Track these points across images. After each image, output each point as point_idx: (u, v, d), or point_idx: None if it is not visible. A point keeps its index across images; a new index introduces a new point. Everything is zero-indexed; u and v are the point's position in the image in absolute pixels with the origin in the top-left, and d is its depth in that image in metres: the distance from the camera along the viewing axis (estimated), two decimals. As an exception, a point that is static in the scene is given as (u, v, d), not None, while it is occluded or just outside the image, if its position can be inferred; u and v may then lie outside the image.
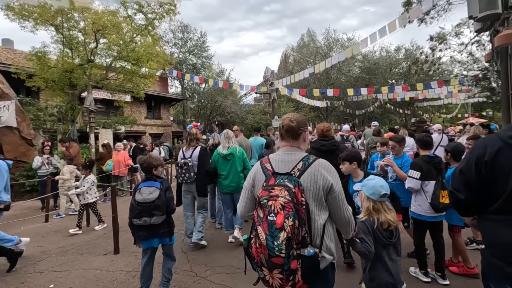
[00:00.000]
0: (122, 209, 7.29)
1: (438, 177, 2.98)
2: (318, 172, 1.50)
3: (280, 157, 1.60)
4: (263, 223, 1.34)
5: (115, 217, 4.27)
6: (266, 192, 1.41)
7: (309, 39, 25.61)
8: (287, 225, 1.29)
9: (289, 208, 1.31)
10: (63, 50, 10.26)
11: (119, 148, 8.97)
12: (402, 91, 16.22)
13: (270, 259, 1.32)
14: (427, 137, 3.27)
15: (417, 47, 25.67)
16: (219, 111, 24.07)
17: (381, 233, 2.06)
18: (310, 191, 1.48)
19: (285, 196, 1.35)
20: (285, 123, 1.64)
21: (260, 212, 1.39)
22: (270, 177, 1.50)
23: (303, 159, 1.55)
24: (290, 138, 1.63)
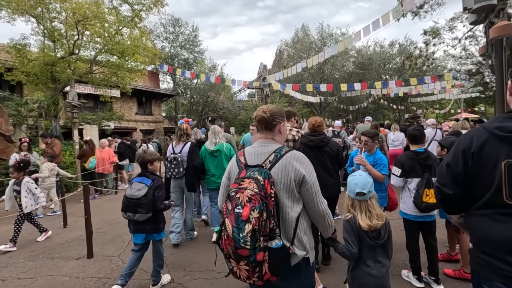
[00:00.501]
0: (106, 208, 7.06)
1: (424, 174, 2.76)
2: (290, 164, 1.48)
3: (254, 150, 1.59)
4: (231, 216, 1.34)
5: (88, 219, 3.96)
6: (236, 185, 1.41)
7: (303, 34, 25.27)
8: (253, 217, 1.28)
9: (256, 201, 1.30)
10: (43, 42, 9.79)
11: (104, 145, 8.63)
12: (396, 86, 16.05)
13: (236, 250, 1.31)
14: (415, 130, 3.02)
15: (411, 42, 25.59)
16: (212, 106, 23.69)
17: (366, 233, 1.92)
18: (281, 183, 1.46)
19: (252, 189, 1.34)
20: (257, 114, 1.63)
21: (228, 205, 1.38)
22: (242, 170, 1.50)
23: (275, 151, 1.53)
24: (264, 130, 1.62)
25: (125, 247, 4.25)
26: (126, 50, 9.48)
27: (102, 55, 10.35)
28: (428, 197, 2.68)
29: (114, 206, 6.96)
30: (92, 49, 10.57)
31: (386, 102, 26.54)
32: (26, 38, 9.71)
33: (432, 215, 2.87)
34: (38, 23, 9.83)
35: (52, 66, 9.59)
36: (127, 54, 9.57)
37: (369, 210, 1.96)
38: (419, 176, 2.78)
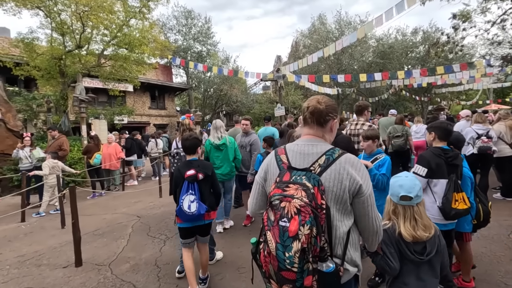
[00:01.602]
0: (109, 206, 6.74)
1: (451, 175, 2.37)
2: (344, 170, 1.25)
3: (299, 148, 1.35)
4: (274, 228, 1.13)
5: (76, 223, 3.57)
6: (279, 191, 1.18)
7: (320, 24, 24.19)
8: (302, 234, 1.08)
9: (306, 213, 1.09)
10: (51, 36, 9.59)
11: (110, 140, 8.35)
12: (420, 76, 14.93)
13: (279, 272, 1.12)
14: (450, 125, 2.63)
15: (436, 29, 24.06)
16: (225, 100, 23.26)
17: (407, 246, 1.64)
18: (333, 192, 1.24)
19: (301, 198, 1.12)
20: (311, 104, 1.36)
21: (270, 214, 1.17)
22: (284, 172, 1.27)
23: (326, 152, 1.30)
24: (315, 124, 1.36)
25: (118, 254, 3.86)
26: (132, 41, 9.11)
27: (110, 47, 10.05)
28: (458, 203, 2.30)
29: (119, 204, 6.66)
30: (100, 42, 10.29)
31: (408, 94, 25.17)
32: (34, 32, 9.55)
33: (453, 223, 2.48)
34: (46, 16, 9.62)
35: (60, 60, 9.38)
36: (134, 46, 9.21)
37: (415, 219, 1.66)
38: (446, 177, 2.37)
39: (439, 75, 17.12)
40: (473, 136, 5.56)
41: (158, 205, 6.45)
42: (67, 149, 7.01)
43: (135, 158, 9.19)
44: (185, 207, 2.62)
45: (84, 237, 4.47)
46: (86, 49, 10.53)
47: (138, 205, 6.56)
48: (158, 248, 3.98)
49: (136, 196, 7.35)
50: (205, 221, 2.80)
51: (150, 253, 3.82)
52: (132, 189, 8.48)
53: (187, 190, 2.67)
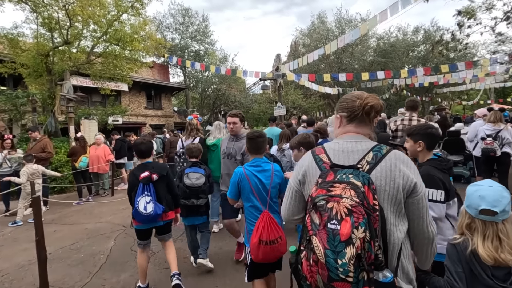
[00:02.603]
0: (94, 214, 6.15)
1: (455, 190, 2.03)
2: (396, 166, 1.12)
3: (341, 146, 1.24)
4: (321, 233, 0.98)
5: (40, 241, 3.05)
6: (324, 191, 1.04)
7: (319, 22, 23.71)
8: (356, 238, 0.92)
9: (359, 214, 0.94)
10: (37, 31, 9.06)
11: (99, 142, 7.81)
12: (423, 74, 14.46)
13: (330, 282, 0.95)
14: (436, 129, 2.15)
15: (437, 28, 23.68)
16: (223, 100, 22.74)
17: (483, 268, 1.33)
18: (386, 191, 1.11)
19: (351, 197, 0.98)
20: (374, 102, 1.22)
21: (315, 217, 1.02)
22: (327, 172, 1.13)
23: (373, 148, 1.18)
24: (364, 123, 1.27)
25: (93, 275, 3.34)
26: (123, 37, 8.59)
27: (100, 44, 9.53)
28: None
29: (105, 212, 6.14)
30: (90, 38, 9.77)
31: (409, 93, 24.77)
32: (19, 26, 9.03)
33: None
34: (32, 10, 9.09)
35: (47, 57, 8.86)
36: (125, 42, 8.69)
37: (499, 238, 1.34)
38: (455, 195, 1.98)
39: (443, 74, 16.69)
40: (481, 136, 5.21)
41: (147, 212, 5.92)
42: (51, 151, 6.49)
43: (125, 160, 8.66)
44: (141, 208, 2.67)
45: (59, 252, 3.98)
46: (77, 46, 10.02)
47: (125, 212, 6.03)
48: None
49: (125, 202, 6.73)
50: (163, 222, 2.89)
51: (130, 274, 3.31)
52: (122, 194, 7.94)
53: (142, 192, 2.72)
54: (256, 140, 2.36)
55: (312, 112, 23.83)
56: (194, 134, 4.35)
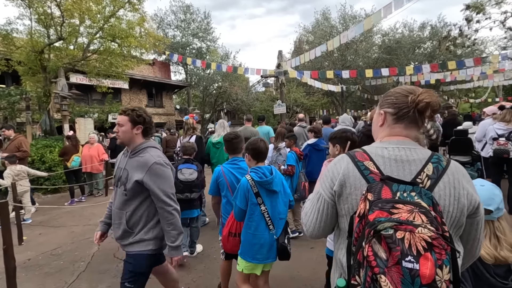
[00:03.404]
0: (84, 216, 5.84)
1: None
2: (460, 183, 0.94)
3: (391, 153, 1.00)
4: (391, 271, 0.75)
5: (8, 250, 2.81)
6: (385, 214, 0.82)
7: (323, 19, 23.27)
8: (442, 280, 0.72)
9: (441, 249, 0.74)
10: (31, 27, 8.87)
11: (92, 141, 7.62)
12: (429, 71, 14.02)
13: None
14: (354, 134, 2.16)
15: (444, 24, 23.12)
16: (225, 98, 22.49)
17: (485, 267, 1.32)
18: (449, 213, 0.93)
19: (425, 224, 0.77)
20: (429, 99, 0.99)
21: (378, 249, 0.79)
22: (380, 186, 0.90)
23: (431, 159, 0.97)
24: (415, 124, 1.05)
25: (67, 286, 3.10)
26: (118, 33, 8.35)
27: (96, 40, 9.31)
28: None
29: (96, 213, 5.93)
30: (86, 34, 9.56)
31: (415, 91, 24.29)
32: (13, 23, 8.84)
33: None
34: (27, 5, 8.90)
35: (41, 54, 8.67)
36: (119, 38, 8.45)
37: (496, 236, 1.36)
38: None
39: (450, 70, 16.23)
40: (492, 136, 4.88)
41: (138, 214, 5.70)
42: (27, 149, 6.05)
43: (121, 159, 8.46)
44: None
45: (39, 258, 3.76)
46: (74, 43, 9.83)
47: (116, 214, 5.83)
48: (119, 277, 3.22)
49: (118, 203, 6.61)
50: None
51: (107, 285, 3.08)
52: (116, 194, 7.77)
53: None
54: (232, 142, 2.55)
55: (315, 110, 23.47)
56: (190, 133, 4.53)
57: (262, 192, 2.07)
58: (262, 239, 2.05)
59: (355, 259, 0.88)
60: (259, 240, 2.05)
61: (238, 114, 25.43)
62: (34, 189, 7.73)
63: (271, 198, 2.09)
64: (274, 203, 2.10)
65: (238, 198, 2.09)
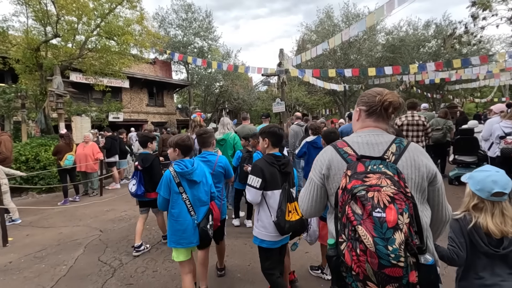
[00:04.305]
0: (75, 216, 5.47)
1: (284, 184, 2.25)
2: (418, 157, 1.23)
3: (364, 139, 1.30)
4: (365, 222, 0.99)
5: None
6: (359, 182, 1.07)
7: (326, 17, 22.97)
8: (403, 223, 0.96)
9: (401, 201, 0.99)
10: (27, 24, 8.75)
11: (87, 139, 7.47)
12: (434, 69, 13.69)
13: (381, 270, 0.96)
14: (281, 130, 2.44)
15: (449, 23, 22.74)
16: (226, 97, 22.30)
17: (481, 238, 1.58)
18: (412, 180, 1.20)
19: (389, 186, 1.02)
20: (395, 99, 1.30)
21: (355, 207, 1.03)
22: (356, 163, 1.16)
23: (394, 141, 1.27)
24: (382, 118, 1.34)
25: (45, 292, 2.93)
26: (114, 30, 8.19)
27: (92, 37, 9.15)
28: (291, 214, 2.17)
29: (87, 214, 5.77)
30: (82, 32, 9.42)
31: (419, 90, 23.90)
32: (8, 20, 8.72)
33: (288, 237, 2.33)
34: (24, 3, 8.78)
35: (36, 51, 8.54)
36: (116, 35, 8.29)
37: (503, 214, 1.57)
38: (280, 187, 2.23)
39: (455, 69, 15.89)
40: (499, 135, 4.64)
41: (130, 215, 5.54)
42: (4, 151, 5.68)
43: (116, 159, 8.29)
44: (129, 187, 3.69)
45: (21, 261, 3.60)
46: (72, 40, 9.70)
47: (108, 214, 5.66)
48: (101, 282, 3.04)
49: (111, 203, 6.45)
50: (147, 198, 3.70)
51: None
52: (112, 194, 7.59)
53: (133, 176, 3.70)
54: (202, 137, 2.88)
55: (317, 109, 23.19)
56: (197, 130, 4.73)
57: (184, 182, 2.30)
58: (185, 224, 2.27)
59: (341, 222, 1.09)
60: (182, 226, 2.27)
61: (240, 114, 25.25)
62: (28, 188, 7.65)
63: (193, 187, 2.33)
64: (196, 192, 2.34)
65: (162, 189, 2.31)
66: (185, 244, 2.29)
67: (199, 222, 2.31)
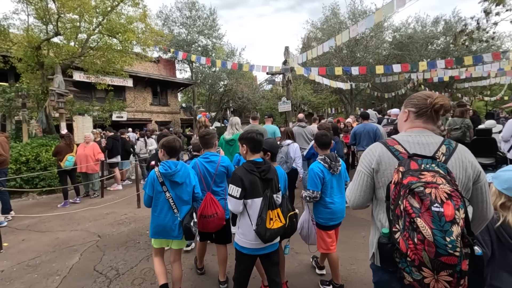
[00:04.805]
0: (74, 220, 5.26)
1: (266, 191, 2.13)
2: (466, 158, 1.34)
3: (414, 139, 1.40)
4: (424, 215, 1.10)
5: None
6: (415, 178, 1.17)
7: (332, 14, 22.56)
8: (459, 218, 1.08)
9: (457, 198, 1.10)
10: (27, 22, 8.60)
11: (88, 139, 7.30)
12: (444, 67, 13.28)
13: (438, 258, 1.07)
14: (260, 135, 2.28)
15: (459, 19, 22.21)
16: (230, 96, 22.06)
17: (509, 235, 1.55)
18: (459, 179, 1.31)
19: (445, 184, 1.13)
20: (445, 102, 1.41)
21: (413, 201, 1.14)
22: (408, 161, 1.27)
23: (444, 142, 1.38)
24: (432, 120, 1.45)
25: (34, 306, 2.73)
26: (115, 27, 7.99)
27: (94, 35, 8.98)
28: (273, 222, 2.07)
29: (87, 217, 5.59)
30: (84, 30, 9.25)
31: (427, 89, 23.40)
32: (9, 18, 8.57)
33: (273, 244, 2.23)
34: (25, 0, 8.63)
35: (37, 50, 8.39)
36: (117, 32, 8.08)
37: None
38: (261, 195, 2.13)
39: (466, 67, 15.45)
40: None
41: (130, 219, 5.33)
42: (3, 152, 5.37)
43: (118, 159, 8.11)
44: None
45: (13, 269, 3.41)
46: (74, 39, 9.54)
47: (108, 218, 5.47)
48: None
49: (112, 205, 6.27)
50: None
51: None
52: (113, 195, 7.42)
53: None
54: (204, 138, 2.90)
55: (323, 108, 22.84)
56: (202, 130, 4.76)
57: (167, 182, 2.47)
58: (165, 221, 2.48)
59: (394, 214, 1.22)
60: (162, 221, 2.48)
61: (244, 113, 24.99)
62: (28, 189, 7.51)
63: (175, 187, 2.49)
64: (178, 192, 2.50)
65: (147, 187, 2.50)
66: (161, 237, 2.55)
67: (182, 219, 2.47)
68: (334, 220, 2.66)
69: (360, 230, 4.23)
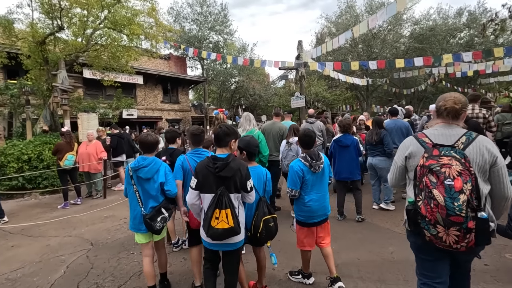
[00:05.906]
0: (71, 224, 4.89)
1: (220, 188, 2.06)
2: (483, 146, 1.62)
3: (439, 132, 1.75)
4: (439, 187, 1.49)
5: None
6: (435, 161, 1.56)
7: (347, 7, 21.64)
8: (466, 189, 1.45)
9: (466, 175, 1.47)
10: (32, 16, 8.35)
11: (90, 137, 6.97)
12: (471, 59, 12.28)
13: (448, 217, 1.47)
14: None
15: (484, 10, 20.89)
16: (242, 93, 21.56)
17: None
18: (476, 163, 1.61)
19: (457, 165, 1.50)
20: (448, 106, 1.74)
21: (432, 178, 1.53)
22: (432, 149, 1.65)
23: (465, 133, 1.68)
24: (450, 118, 1.76)
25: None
26: (119, 20, 7.61)
27: (99, 30, 8.65)
28: (217, 221, 2.00)
29: (84, 220, 5.22)
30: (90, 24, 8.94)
31: (449, 84, 22.14)
32: (14, 12, 8.36)
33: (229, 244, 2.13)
34: (31, -5, 8.39)
35: (41, 45, 8.13)
36: (121, 25, 7.71)
37: None
38: (213, 191, 2.08)
39: (494, 60, 14.36)
40: None
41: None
42: None
43: (123, 158, 7.75)
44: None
45: None
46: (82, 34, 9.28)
47: (106, 222, 5.08)
48: None
49: (114, 207, 5.90)
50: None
51: None
52: (116, 196, 7.06)
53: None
54: (199, 135, 2.89)
55: (338, 105, 22.01)
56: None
57: (135, 176, 2.55)
58: (135, 212, 2.57)
59: (418, 188, 1.64)
60: (133, 213, 2.59)
61: (256, 110, 24.46)
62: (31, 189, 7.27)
63: (143, 182, 2.54)
64: (146, 187, 2.54)
65: (125, 179, 2.64)
66: (134, 229, 2.62)
67: (145, 213, 2.51)
68: (314, 218, 2.67)
69: (387, 245, 3.63)
